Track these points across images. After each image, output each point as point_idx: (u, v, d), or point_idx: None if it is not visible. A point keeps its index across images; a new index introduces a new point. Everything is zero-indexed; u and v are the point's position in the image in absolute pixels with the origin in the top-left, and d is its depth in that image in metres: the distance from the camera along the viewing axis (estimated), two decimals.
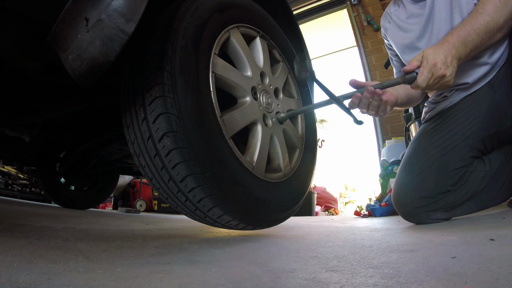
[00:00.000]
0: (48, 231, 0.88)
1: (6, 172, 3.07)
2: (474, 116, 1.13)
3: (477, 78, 1.12)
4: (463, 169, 1.12)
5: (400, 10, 1.33)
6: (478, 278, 0.44)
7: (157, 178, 0.77)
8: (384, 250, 0.70)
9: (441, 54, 0.94)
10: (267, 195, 0.89)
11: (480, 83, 1.13)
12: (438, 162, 1.14)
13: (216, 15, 0.87)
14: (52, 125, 1.43)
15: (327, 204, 4.72)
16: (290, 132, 1.10)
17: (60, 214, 1.59)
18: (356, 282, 0.48)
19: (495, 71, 1.11)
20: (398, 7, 1.35)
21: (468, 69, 1.12)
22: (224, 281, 0.49)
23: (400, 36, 1.31)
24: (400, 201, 1.20)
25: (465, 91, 1.16)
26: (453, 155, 1.13)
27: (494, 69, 1.11)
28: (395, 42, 1.34)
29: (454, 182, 1.11)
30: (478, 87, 1.14)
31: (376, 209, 2.22)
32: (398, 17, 1.33)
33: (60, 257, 0.58)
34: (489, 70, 1.11)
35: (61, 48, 0.60)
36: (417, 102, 1.36)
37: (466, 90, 1.16)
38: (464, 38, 0.97)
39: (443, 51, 0.95)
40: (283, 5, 1.33)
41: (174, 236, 1.03)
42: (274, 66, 1.16)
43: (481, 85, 1.13)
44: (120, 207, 3.77)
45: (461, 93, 1.17)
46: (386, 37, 1.41)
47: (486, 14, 0.98)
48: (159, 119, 0.70)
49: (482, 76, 1.12)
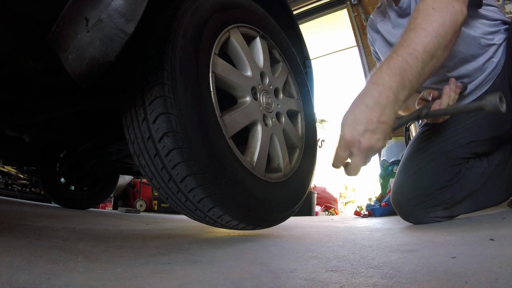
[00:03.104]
0: (48, 231, 0.88)
1: (6, 172, 3.07)
2: (473, 122, 1.13)
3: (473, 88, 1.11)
4: (459, 166, 1.12)
5: (385, 21, 1.27)
6: (478, 278, 0.44)
7: (157, 178, 0.77)
8: (384, 250, 0.70)
9: (359, 122, 0.67)
10: (267, 195, 0.89)
11: (477, 92, 1.12)
12: (434, 161, 1.14)
13: (216, 15, 0.87)
14: (52, 125, 1.43)
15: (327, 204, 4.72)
16: (290, 132, 1.10)
17: (60, 214, 1.59)
18: (356, 282, 0.48)
19: (492, 80, 1.10)
20: (383, 17, 1.28)
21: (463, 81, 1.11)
22: (224, 281, 0.49)
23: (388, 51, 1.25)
24: (398, 201, 1.20)
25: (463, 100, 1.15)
26: (450, 155, 1.13)
27: (490, 79, 1.10)
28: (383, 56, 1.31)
29: (450, 178, 1.11)
30: (475, 96, 1.13)
31: (376, 209, 2.22)
32: (384, 29, 1.27)
33: (60, 257, 0.58)
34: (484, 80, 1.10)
35: (61, 48, 0.61)
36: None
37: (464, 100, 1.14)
38: (397, 69, 0.71)
39: (362, 108, 0.68)
40: (283, 5, 1.33)
41: (174, 236, 1.03)
42: (274, 66, 1.16)
43: (479, 94, 1.12)
44: (120, 207, 3.77)
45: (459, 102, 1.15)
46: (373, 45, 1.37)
47: (419, 28, 0.76)
48: (159, 119, 0.70)
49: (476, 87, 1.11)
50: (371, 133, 0.67)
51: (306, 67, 1.49)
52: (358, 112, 0.68)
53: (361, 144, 0.67)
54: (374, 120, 0.67)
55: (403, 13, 1.17)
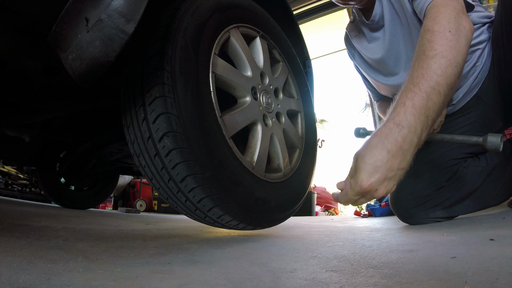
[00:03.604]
0: (48, 231, 0.88)
1: (6, 172, 3.07)
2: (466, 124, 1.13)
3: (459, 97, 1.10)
4: (456, 166, 1.12)
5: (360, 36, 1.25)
6: (478, 278, 0.44)
7: (157, 178, 0.77)
8: (384, 250, 0.70)
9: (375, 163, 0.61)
10: (267, 195, 0.89)
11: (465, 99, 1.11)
12: (430, 164, 1.14)
13: (216, 15, 0.87)
14: (52, 125, 1.43)
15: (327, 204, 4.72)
16: (290, 132, 1.10)
17: (60, 214, 1.59)
18: (356, 282, 0.48)
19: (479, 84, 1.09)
20: (357, 32, 1.25)
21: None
22: (224, 281, 0.49)
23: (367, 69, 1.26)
24: (397, 203, 1.20)
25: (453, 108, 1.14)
26: (446, 156, 1.13)
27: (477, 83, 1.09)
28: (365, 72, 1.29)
29: (448, 178, 1.11)
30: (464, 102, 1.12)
31: (376, 209, 2.22)
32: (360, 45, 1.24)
33: (60, 257, 0.58)
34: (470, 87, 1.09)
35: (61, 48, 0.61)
36: None
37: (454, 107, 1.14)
38: (422, 109, 0.64)
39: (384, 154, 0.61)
40: (283, 5, 1.33)
41: (174, 236, 1.03)
42: (274, 66, 1.16)
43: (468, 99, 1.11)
44: (120, 207, 3.77)
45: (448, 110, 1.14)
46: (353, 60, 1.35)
47: (440, 56, 0.68)
48: (159, 119, 0.70)
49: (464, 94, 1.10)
50: (389, 181, 0.62)
51: (306, 67, 1.49)
52: (379, 157, 0.61)
53: (377, 192, 0.62)
54: (395, 168, 0.61)
55: (376, 26, 1.15)
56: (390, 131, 0.62)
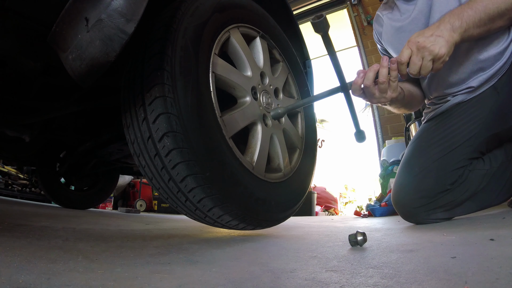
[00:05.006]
0: (48, 231, 0.88)
1: (6, 172, 3.07)
2: (477, 117, 1.12)
3: (482, 82, 1.12)
4: (462, 169, 1.12)
5: (393, 13, 1.29)
6: (478, 278, 0.44)
7: (157, 178, 0.77)
8: (384, 250, 0.70)
9: (426, 32, 0.91)
10: (267, 195, 0.89)
11: (485, 86, 1.13)
12: (437, 162, 1.14)
13: (216, 15, 0.87)
14: (52, 125, 1.43)
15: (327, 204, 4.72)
16: (290, 132, 1.10)
17: (60, 214, 1.59)
18: (356, 282, 0.48)
19: (499, 75, 1.10)
20: (391, 9, 1.31)
21: (473, 74, 1.12)
22: (224, 281, 0.49)
23: (397, 36, 1.27)
24: (400, 201, 1.20)
25: (470, 94, 1.15)
26: (454, 156, 1.12)
27: (498, 74, 1.10)
28: (392, 44, 1.30)
29: (453, 181, 1.11)
30: (482, 90, 1.13)
31: (376, 209, 2.22)
32: (392, 18, 1.29)
33: (60, 257, 0.58)
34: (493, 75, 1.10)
35: (61, 48, 0.60)
36: (417, 106, 1.36)
37: (471, 93, 1.15)
38: (458, 13, 0.93)
39: (429, 29, 0.92)
40: (283, 5, 1.33)
41: (174, 236, 1.03)
42: (274, 66, 1.16)
43: (486, 88, 1.13)
44: (120, 207, 3.77)
45: (465, 95, 1.16)
46: (380, 41, 1.37)
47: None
48: (159, 119, 0.70)
49: (487, 79, 1.11)
50: (442, 39, 0.90)
51: (306, 67, 1.49)
52: (429, 31, 0.92)
53: (426, 43, 0.89)
54: (446, 35, 0.90)
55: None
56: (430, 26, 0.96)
